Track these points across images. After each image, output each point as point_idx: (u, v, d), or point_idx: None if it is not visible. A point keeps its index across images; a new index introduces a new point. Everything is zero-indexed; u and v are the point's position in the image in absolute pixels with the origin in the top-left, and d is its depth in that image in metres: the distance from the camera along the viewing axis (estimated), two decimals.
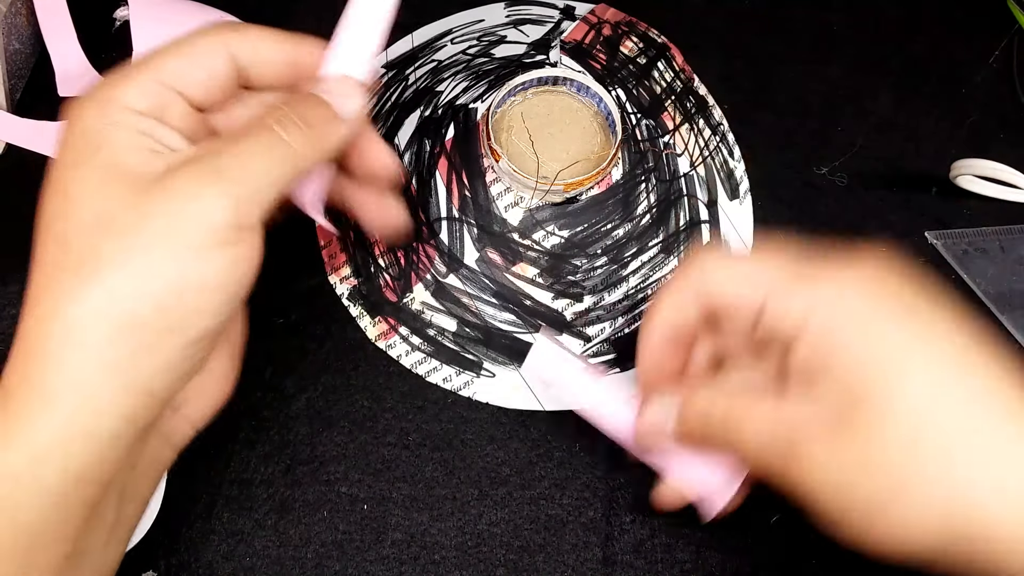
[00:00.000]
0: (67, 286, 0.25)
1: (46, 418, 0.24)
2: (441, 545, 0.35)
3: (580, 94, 0.45)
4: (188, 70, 0.28)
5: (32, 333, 0.25)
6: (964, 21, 0.52)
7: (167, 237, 0.24)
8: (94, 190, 0.25)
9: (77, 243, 0.25)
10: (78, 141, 0.26)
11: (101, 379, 0.24)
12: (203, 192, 0.25)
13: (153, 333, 0.25)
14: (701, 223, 0.43)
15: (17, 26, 0.42)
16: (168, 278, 0.24)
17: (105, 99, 0.26)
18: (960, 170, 0.45)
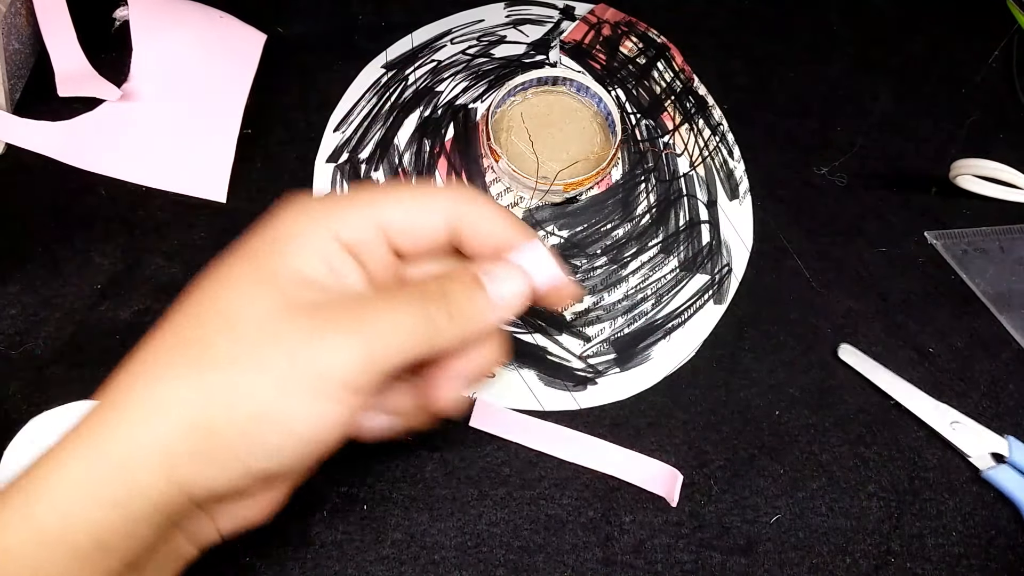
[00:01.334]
0: (167, 361, 0.25)
1: (88, 477, 0.23)
2: (441, 545, 0.35)
3: (580, 94, 0.45)
4: (408, 223, 0.28)
5: (116, 385, 0.25)
6: (964, 21, 0.52)
7: (281, 368, 0.24)
8: (247, 292, 0.25)
9: (203, 328, 0.25)
10: (269, 238, 0.26)
11: (151, 461, 0.24)
12: (334, 341, 0.24)
13: (218, 448, 0.24)
14: (701, 223, 0.43)
15: (17, 26, 0.42)
16: (259, 405, 0.24)
17: (319, 216, 0.27)
18: (960, 170, 0.45)
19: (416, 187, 0.29)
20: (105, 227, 0.41)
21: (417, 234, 0.28)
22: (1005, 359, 0.42)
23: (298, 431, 0.25)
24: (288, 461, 0.25)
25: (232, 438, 0.24)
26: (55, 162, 0.41)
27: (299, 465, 0.26)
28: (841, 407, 0.40)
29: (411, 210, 0.28)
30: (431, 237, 0.28)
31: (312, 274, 0.26)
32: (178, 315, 0.26)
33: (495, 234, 0.29)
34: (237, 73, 0.43)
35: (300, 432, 0.25)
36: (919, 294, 0.43)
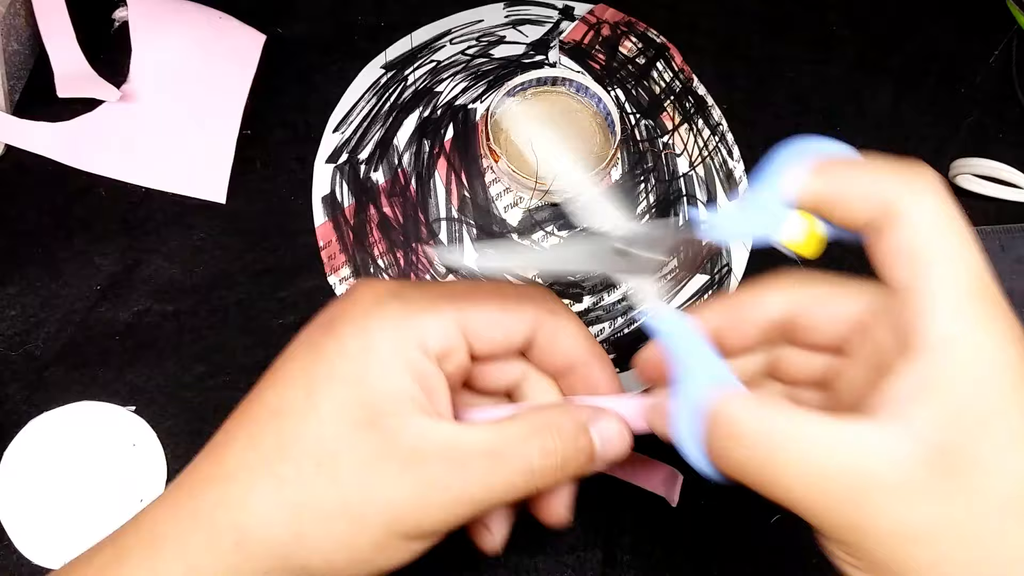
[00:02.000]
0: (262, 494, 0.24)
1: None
2: (440, 545, 0.35)
3: (579, 94, 0.45)
4: (491, 327, 0.26)
5: (216, 465, 0.24)
6: (964, 21, 0.52)
7: (378, 525, 0.23)
8: (344, 425, 0.23)
9: (297, 461, 0.24)
10: (353, 354, 0.24)
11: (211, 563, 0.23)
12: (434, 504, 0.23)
13: (271, 565, 0.23)
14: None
15: (16, 27, 0.42)
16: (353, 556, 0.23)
17: (406, 324, 0.24)
18: (959, 169, 0.45)
19: (500, 289, 0.27)
20: (104, 228, 0.41)
21: (499, 339, 0.26)
22: None
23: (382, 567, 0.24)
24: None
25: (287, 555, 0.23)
26: (54, 163, 0.41)
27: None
28: None
29: (498, 315, 0.26)
30: (511, 343, 0.27)
31: (406, 396, 0.24)
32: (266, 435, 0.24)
33: (570, 352, 0.27)
34: (236, 74, 0.43)
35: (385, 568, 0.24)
36: None
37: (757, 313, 0.26)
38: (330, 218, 0.42)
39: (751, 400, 0.22)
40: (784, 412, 0.21)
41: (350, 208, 0.42)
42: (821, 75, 0.49)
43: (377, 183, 0.43)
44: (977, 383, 0.19)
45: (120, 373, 0.38)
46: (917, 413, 0.19)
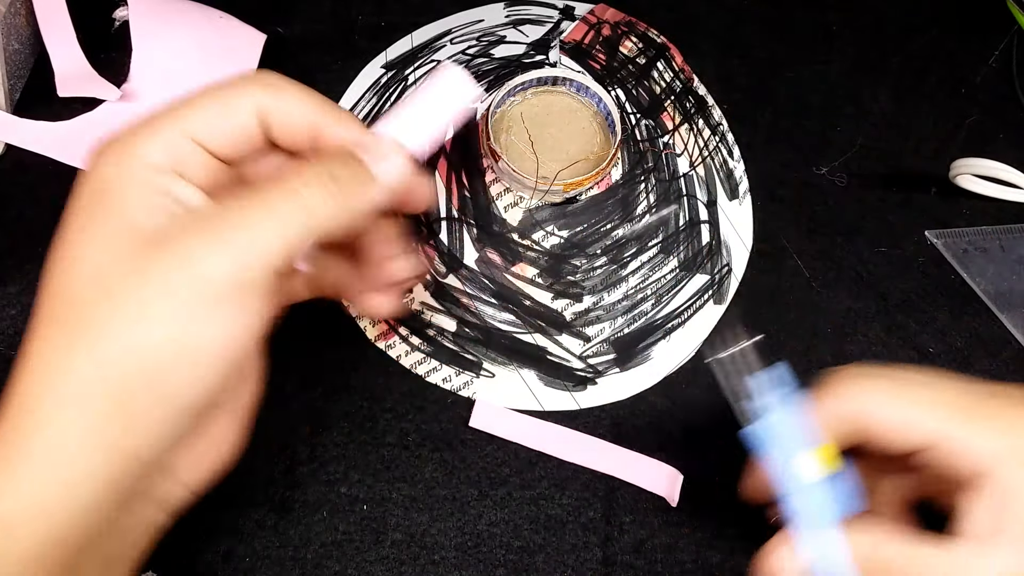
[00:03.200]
0: (58, 345, 0.24)
1: (24, 481, 0.23)
2: (441, 545, 0.35)
3: (579, 94, 0.45)
4: (213, 123, 0.26)
5: (19, 391, 0.24)
6: (964, 21, 0.52)
7: (162, 297, 0.23)
8: (98, 246, 0.24)
9: (74, 300, 0.24)
10: (90, 194, 0.25)
11: (84, 444, 0.23)
12: (199, 249, 0.23)
13: (141, 401, 0.23)
14: (701, 223, 0.43)
15: (16, 26, 0.42)
16: (159, 342, 0.23)
17: (124, 152, 0.25)
18: (959, 169, 0.45)
19: (215, 87, 0.27)
20: None
21: (229, 138, 0.26)
22: (1005, 358, 0.42)
23: (215, 348, 0.24)
24: (217, 382, 0.24)
25: (152, 385, 0.23)
26: (55, 162, 0.41)
27: (225, 379, 0.25)
28: None
29: (216, 111, 0.26)
30: (245, 139, 0.27)
31: (150, 206, 0.25)
32: (44, 303, 0.25)
33: (306, 117, 0.27)
34: (237, 73, 0.43)
35: (218, 348, 0.24)
36: (919, 294, 0.43)
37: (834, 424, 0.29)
38: None
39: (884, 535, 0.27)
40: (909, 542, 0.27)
41: None
42: (821, 75, 0.49)
43: None
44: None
45: None
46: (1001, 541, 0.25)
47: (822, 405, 0.29)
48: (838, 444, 0.28)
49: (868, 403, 0.28)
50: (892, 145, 0.48)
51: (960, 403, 0.27)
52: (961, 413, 0.27)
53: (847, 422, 0.28)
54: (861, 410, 0.28)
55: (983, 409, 0.27)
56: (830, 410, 0.28)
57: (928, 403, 0.27)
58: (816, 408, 0.29)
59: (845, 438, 0.28)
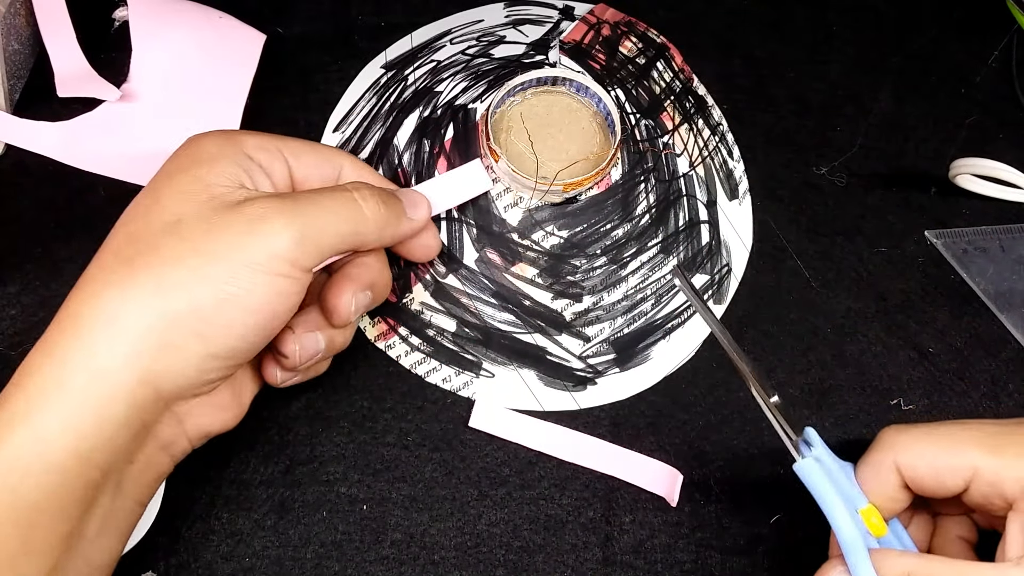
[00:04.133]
0: (116, 275, 0.26)
1: (60, 398, 0.25)
2: (440, 545, 0.35)
3: (579, 94, 0.45)
4: (304, 156, 0.32)
5: (67, 311, 0.26)
6: (964, 21, 0.52)
7: (228, 249, 0.26)
8: (182, 199, 0.28)
9: (147, 240, 0.27)
10: (187, 157, 0.29)
11: (121, 366, 0.25)
12: (274, 219, 0.27)
13: (182, 334, 0.26)
14: (700, 223, 0.43)
15: (16, 26, 0.42)
16: (214, 286, 0.26)
17: (227, 136, 0.30)
18: (959, 169, 0.45)
19: (317, 143, 0.34)
20: (105, 228, 0.40)
21: (310, 165, 0.32)
22: (1005, 358, 0.42)
23: (256, 306, 0.27)
24: (248, 336, 0.27)
25: (195, 322, 0.26)
26: (54, 162, 0.41)
27: (259, 342, 0.28)
28: (841, 407, 0.40)
29: (306, 147, 0.33)
30: (324, 177, 0.33)
31: (235, 179, 0.29)
32: (115, 239, 0.28)
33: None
34: (236, 73, 0.43)
35: (258, 306, 0.27)
36: (919, 294, 0.43)
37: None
38: None
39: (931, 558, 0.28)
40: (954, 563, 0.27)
41: None
42: (821, 75, 0.49)
43: None
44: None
45: None
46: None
47: (863, 466, 0.30)
48: (890, 500, 0.30)
49: (901, 453, 0.29)
50: (892, 145, 0.48)
51: (988, 440, 0.28)
52: (990, 448, 0.28)
53: (886, 475, 0.29)
54: (896, 461, 0.29)
55: (1011, 440, 0.28)
56: (870, 466, 0.30)
57: (957, 444, 0.28)
58: (859, 470, 0.30)
59: (891, 492, 0.29)
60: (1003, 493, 0.27)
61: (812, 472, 0.30)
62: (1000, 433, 0.28)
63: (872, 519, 0.29)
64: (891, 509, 0.30)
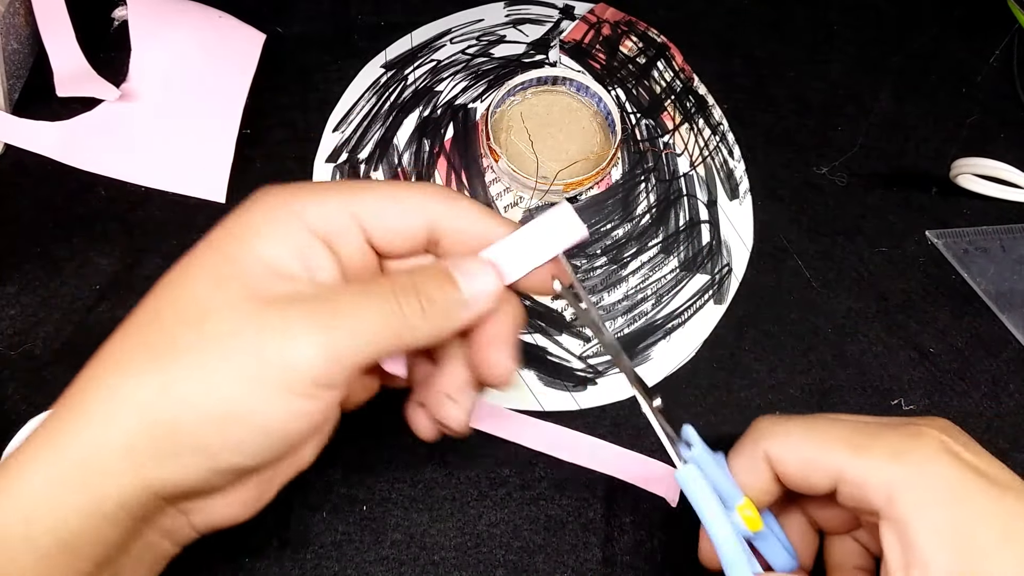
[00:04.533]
0: (128, 359, 0.24)
1: (50, 479, 0.23)
2: (440, 546, 0.35)
3: (580, 94, 0.45)
4: (383, 215, 0.27)
5: (78, 384, 0.24)
6: (964, 20, 0.52)
7: (246, 360, 0.23)
8: (211, 282, 0.25)
9: (165, 323, 0.24)
10: (233, 231, 0.26)
11: (116, 462, 0.23)
12: (301, 335, 0.24)
13: (184, 444, 0.23)
14: (701, 223, 0.43)
15: (15, 26, 0.42)
16: (224, 400, 0.23)
17: (286, 204, 0.26)
18: (960, 169, 0.44)
19: (394, 182, 0.28)
20: (104, 227, 0.41)
21: (394, 228, 0.27)
22: (1006, 358, 0.42)
23: (266, 426, 0.24)
24: (258, 456, 0.24)
25: (198, 434, 0.23)
26: (54, 162, 0.41)
27: (270, 460, 0.25)
28: (841, 407, 0.40)
29: (388, 202, 0.27)
30: (408, 233, 0.27)
31: (280, 264, 0.25)
32: (140, 312, 0.25)
33: (475, 234, 0.27)
34: (236, 73, 0.43)
35: (268, 427, 0.24)
36: (919, 294, 0.43)
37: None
38: None
39: None
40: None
41: None
42: (821, 75, 0.49)
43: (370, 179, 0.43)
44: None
45: None
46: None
47: (734, 456, 0.29)
48: (761, 492, 0.29)
49: (772, 444, 0.28)
50: (892, 145, 0.48)
51: (855, 438, 0.27)
52: (855, 448, 0.27)
53: (758, 464, 0.28)
54: (767, 451, 0.28)
55: (878, 440, 0.27)
56: (742, 456, 0.29)
57: (825, 440, 0.27)
58: (731, 461, 0.29)
59: (763, 484, 0.29)
60: (869, 499, 0.26)
61: (691, 481, 0.28)
62: (868, 432, 0.27)
63: (747, 512, 0.28)
64: (765, 501, 0.29)
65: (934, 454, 0.26)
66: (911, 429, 0.27)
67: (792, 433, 0.28)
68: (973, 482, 0.25)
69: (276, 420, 0.24)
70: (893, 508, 0.25)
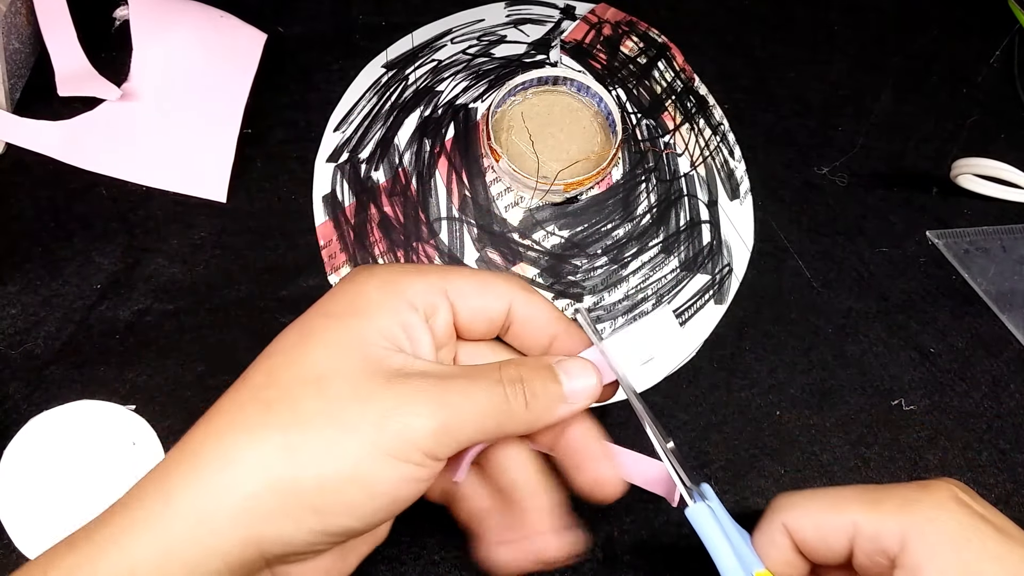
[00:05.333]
0: (247, 419, 0.25)
1: (161, 535, 0.23)
2: (442, 545, 0.35)
3: (580, 94, 0.45)
4: (471, 296, 0.29)
5: (190, 443, 0.25)
6: (965, 21, 0.52)
7: (368, 427, 0.24)
8: (331, 350, 0.26)
9: (284, 385, 0.25)
10: (348, 303, 0.27)
11: (231, 519, 0.24)
12: (420, 407, 0.25)
13: (299, 506, 0.24)
14: (701, 223, 0.43)
15: (17, 25, 0.42)
16: (344, 465, 0.24)
17: (390, 281, 0.28)
18: (960, 169, 0.45)
19: (480, 270, 0.30)
20: (105, 227, 0.41)
21: (478, 309, 0.29)
22: (1007, 359, 0.42)
23: (381, 491, 0.25)
24: (367, 519, 0.25)
25: (316, 497, 0.24)
26: (55, 162, 0.41)
27: (376, 523, 0.26)
28: (842, 407, 0.40)
29: (476, 285, 0.29)
30: (491, 316, 0.29)
31: (394, 338, 0.26)
32: (253, 373, 0.26)
33: (545, 328, 0.30)
34: (237, 73, 0.43)
35: (383, 492, 0.25)
36: (920, 294, 0.43)
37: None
38: (331, 217, 0.42)
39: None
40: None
41: (351, 207, 0.42)
42: (821, 75, 0.49)
43: (378, 182, 0.43)
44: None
45: (120, 372, 0.38)
46: None
47: (757, 530, 0.29)
48: (784, 565, 0.29)
49: (788, 515, 0.28)
50: (893, 145, 0.48)
51: (867, 495, 0.28)
52: (868, 503, 0.27)
53: (777, 538, 0.29)
54: (784, 522, 0.29)
55: (888, 495, 0.27)
56: (762, 531, 0.29)
57: (838, 501, 0.28)
58: (754, 535, 0.29)
59: (785, 556, 0.29)
60: (884, 548, 0.27)
61: (702, 518, 0.28)
62: (879, 489, 0.28)
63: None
64: (788, 575, 0.29)
65: (945, 502, 0.27)
66: (922, 482, 0.28)
67: (807, 501, 0.29)
68: (982, 528, 0.26)
69: (391, 485, 0.25)
70: (906, 555, 0.26)
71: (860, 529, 0.27)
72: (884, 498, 0.27)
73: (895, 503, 0.27)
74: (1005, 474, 0.39)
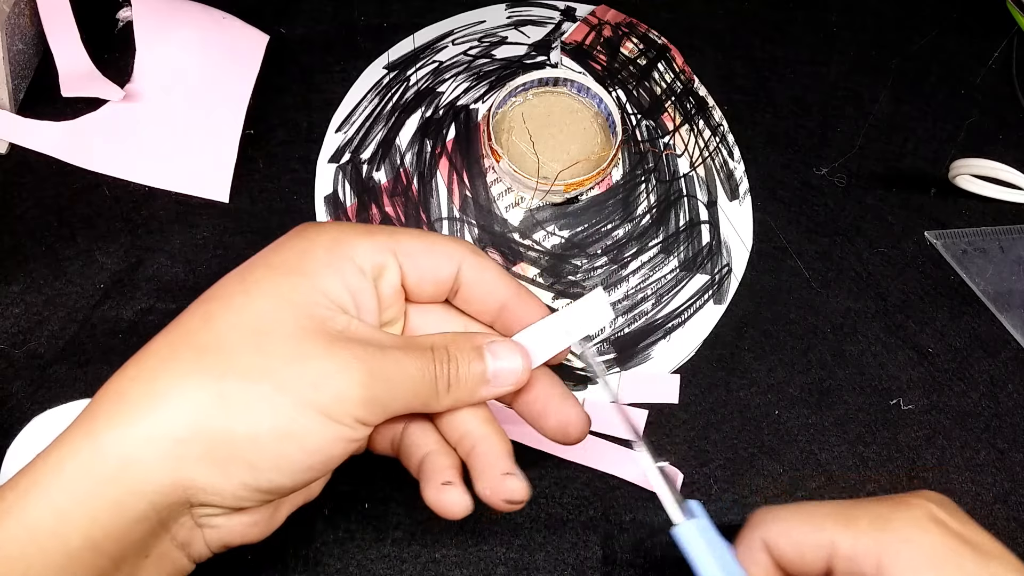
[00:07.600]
0: (181, 360, 0.25)
1: (87, 474, 0.23)
2: (441, 543, 0.35)
3: (580, 95, 0.45)
4: (419, 256, 0.29)
5: (117, 382, 0.25)
6: (964, 22, 0.52)
7: (304, 387, 0.25)
8: (276, 303, 0.25)
9: (223, 332, 0.25)
10: (289, 259, 0.27)
11: (158, 460, 0.24)
12: (354, 376, 0.25)
13: (230, 458, 0.24)
14: (701, 223, 0.44)
15: (20, 27, 0.42)
16: (280, 421, 0.24)
17: (336, 240, 0.27)
18: (959, 170, 0.45)
19: (427, 231, 0.30)
20: (108, 227, 0.41)
21: (428, 270, 0.29)
22: (1004, 359, 0.42)
23: (315, 447, 0.25)
24: (297, 476, 0.26)
25: (249, 451, 0.24)
26: (58, 162, 0.41)
27: (306, 482, 0.26)
28: (840, 407, 0.40)
29: (424, 246, 0.29)
30: (440, 278, 0.29)
31: (338, 300, 0.26)
32: (189, 317, 0.26)
33: (493, 294, 0.29)
34: (240, 74, 0.43)
35: (317, 448, 0.25)
36: (918, 294, 0.43)
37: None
38: (332, 217, 0.42)
39: None
40: None
41: (352, 208, 0.42)
42: (821, 75, 0.50)
43: (379, 183, 0.43)
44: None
45: None
46: None
47: (737, 544, 0.29)
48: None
49: (767, 530, 0.28)
50: (892, 146, 0.48)
51: (843, 512, 0.27)
52: (844, 521, 0.27)
53: (757, 554, 0.29)
54: (764, 538, 0.28)
55: (864, 512, 0.27)
56: (743, 546, 0.29)
57: (815, 517, 0.28)
58: (736, 549, 0.29)
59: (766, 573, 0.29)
60: (861, 570, 0.26)
61: (690, 537, 0.28)
62: (856, 505, 0.28)
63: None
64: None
65: (919, 521, 0.26)
66: (899, 498, 0.27)
67: (786, 517, 0.28)
68: (957, 548, 0.26)
69: (325, 442, 0.25)
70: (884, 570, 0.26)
71: (837, 549, 0.27)
72: (859, 515, 0.27)
73: (871, 522, 0.27)
74: (1003, 473, 0.39)
